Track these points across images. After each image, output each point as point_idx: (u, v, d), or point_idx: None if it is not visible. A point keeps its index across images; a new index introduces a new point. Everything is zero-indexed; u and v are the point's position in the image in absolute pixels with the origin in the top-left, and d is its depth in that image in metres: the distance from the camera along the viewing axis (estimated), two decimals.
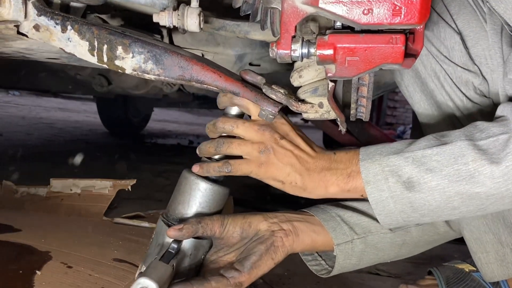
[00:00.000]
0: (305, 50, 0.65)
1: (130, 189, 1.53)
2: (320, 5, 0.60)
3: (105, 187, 1.53)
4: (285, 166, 0.79)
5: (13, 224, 1.17)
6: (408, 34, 0.66)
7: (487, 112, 0.89)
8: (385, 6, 0.59)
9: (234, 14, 0.97)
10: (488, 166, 0.70)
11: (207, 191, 0.82)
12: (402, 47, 0.61)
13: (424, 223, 0.87)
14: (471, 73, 0.87)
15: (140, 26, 1.14)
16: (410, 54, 0.67)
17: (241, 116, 0.84)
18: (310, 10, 0.62)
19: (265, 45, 1.33)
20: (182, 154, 3.30)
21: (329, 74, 0.67)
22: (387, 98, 8.57)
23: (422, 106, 0.95)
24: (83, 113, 5.64)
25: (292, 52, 0.66)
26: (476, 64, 0.87)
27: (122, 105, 3.91)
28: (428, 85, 0.92)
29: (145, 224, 1.37)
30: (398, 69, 0.95)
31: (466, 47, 0.87)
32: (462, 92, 0.89)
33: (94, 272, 0.95)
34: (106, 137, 4.02)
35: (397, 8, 0.58)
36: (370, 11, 0.59)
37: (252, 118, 0.82)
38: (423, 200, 0.74)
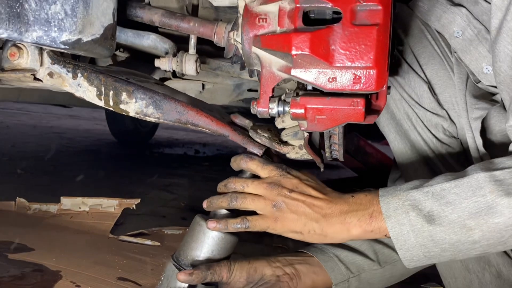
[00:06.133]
0: (281, 108, 0.76)
1: (134, 208, 1.64)
2: (292, 73, 0.70)
3: (111, 205, 1.64)
4: (299, 218, 0.81)
5: (27, 243, 1.28)
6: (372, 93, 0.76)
7: (455, 152, 0.98)
8: (347, 75, 0.68)
9: None
10: (505, 197, 0.71)
11: (220, 239, 0.89)
12: (363, 109, 0.70)
13: (443, 261, 0.87)
14: (439, 117, 0.96)
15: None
16: (374, 110, 0.77)
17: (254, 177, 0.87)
18: (284, 76, 0.73)
19: None
20: (188, 166, 3.39)
21: (302, 128, 0.76)
22: None
23: (397, 145, 1.04)
24: (93, 120, 5.76)
25: (270, 110, 0.76)
26: (444, 109, 0.96)
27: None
28: (402, 126, 1.01)
29: (148, 242, 1.48)
30: None
31: (434, 94, 0.96)
32: (432, 133, 0.98)
33: None
34: (115, 147, 4.13)
35: (357, 77, 0.68)
36: (334, 79, 0.69)
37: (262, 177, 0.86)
38: (443, 233, 0.74)
